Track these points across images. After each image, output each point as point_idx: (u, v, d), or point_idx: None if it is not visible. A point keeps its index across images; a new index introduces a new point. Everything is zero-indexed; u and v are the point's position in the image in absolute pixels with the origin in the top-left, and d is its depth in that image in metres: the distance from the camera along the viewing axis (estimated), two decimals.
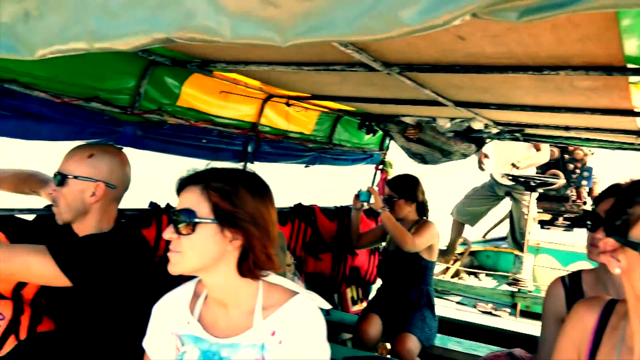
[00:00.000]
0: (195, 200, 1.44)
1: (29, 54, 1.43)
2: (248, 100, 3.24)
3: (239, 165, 3.41)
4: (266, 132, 3.54)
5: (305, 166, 4.16)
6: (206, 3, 1.16)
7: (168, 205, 2.84)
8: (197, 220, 1.42)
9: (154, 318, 1.66)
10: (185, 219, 1.42)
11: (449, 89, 2.49)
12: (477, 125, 3.55)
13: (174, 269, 1.46)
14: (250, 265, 1.47)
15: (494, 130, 3.81)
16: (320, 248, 4.16)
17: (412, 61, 1.97)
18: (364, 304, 4.75)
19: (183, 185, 1.50)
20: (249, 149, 3.43)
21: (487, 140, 4.15)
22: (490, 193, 6.18)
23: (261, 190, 1.51)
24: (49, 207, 2.20)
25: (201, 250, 1.44)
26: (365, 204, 3.77)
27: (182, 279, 2.71)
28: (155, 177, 14.31)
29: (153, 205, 2.80)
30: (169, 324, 1.61)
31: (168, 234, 1.45)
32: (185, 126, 2.89)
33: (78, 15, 1.31)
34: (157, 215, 2.75)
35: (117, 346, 2.00)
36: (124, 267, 1.93)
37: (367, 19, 1.04)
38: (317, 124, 4.00)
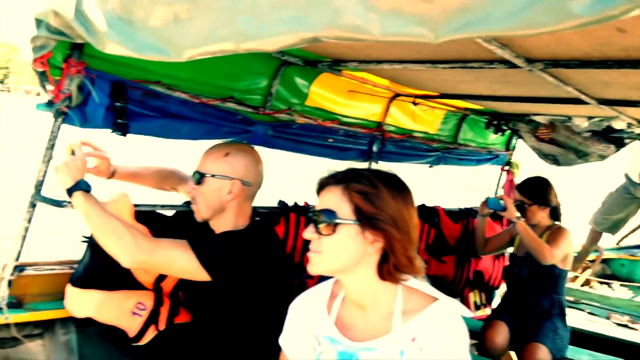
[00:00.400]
0: (337, 201, 1.43)
1: (177, 55, 1.47)
2: (374, 99, 3.21)
3: (364, 165, 3.39)
4: (391, 131, 3.49)
5: (430, 166, 4.07)
6: (355, 1, 1.14)
7: (295, 204, 2.87)
8: (338, 220, 1.40)
9: (291, 316, 1.67)
10: (326, 219, 1.41)
11: (594, 85, 2.32)
12: (619, 124, 3.30)
13: (314, 269, 1.46)
14: (390, 268, 1.43)
15: (638, 130, 3.52)
16: (443, 250, 4.05)
17: (559, 56, 1.85)
18: (487, 310, 4.58)
19: (323, 185, 1.49)
20: (374, 148, 3.41)
21: (627, 140, 3.86)
22: (627, 196, 5.70)
23: (402, 191, 1.47)
24: (187, 203, 2.29)
25: (342, 251, 1.42)
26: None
27: (308, 278, 2.75)
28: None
29: (282, 203, 2.84)
30: (306, 323, 1.61)
31: (308, 233, 1.44)
32: (312, 126, 2.93)
33: (226, 17, 1.33)
34: (286, 213, 2.79)
35: (252, 341, 2.03)
36: (259, 263, 1.96)
37: (531, 12, 0.96)
38: (442, 123, 3.90)
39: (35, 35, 1.67)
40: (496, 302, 4.52)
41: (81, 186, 1.88)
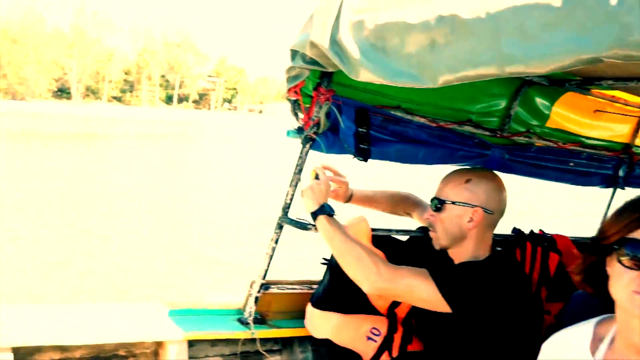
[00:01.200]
0: None
1: (432, 81, 1.43)
2: (622, 118, 2.89)
3: (608, 192, 3.08)
4: None
5: None
6: None
7: (531, 231, 2.68)
8: None
9: (545, 356, 1.52)
10: None
11: None
12: None
13: None
14: None
15: None
16: None
17: None
18: None
19: None
20: (620, 173, 3.07)
21: None
22: None
23: None
24: (421, 228, 2.24)
25: None
26: None
27: (545, 314, 2.53)
28: None
29: (516, 231, 2.67)
30: None
31: None
32: (552, 149, 2.71)
33: (490, 40, 1.26)
34: (521, 242, 2.61)
35: None
36: (502, 297, 1.84)
37: None
38: None
39: (290, 65, 1.75)
40: None
41: (325, 210, 1.93)
